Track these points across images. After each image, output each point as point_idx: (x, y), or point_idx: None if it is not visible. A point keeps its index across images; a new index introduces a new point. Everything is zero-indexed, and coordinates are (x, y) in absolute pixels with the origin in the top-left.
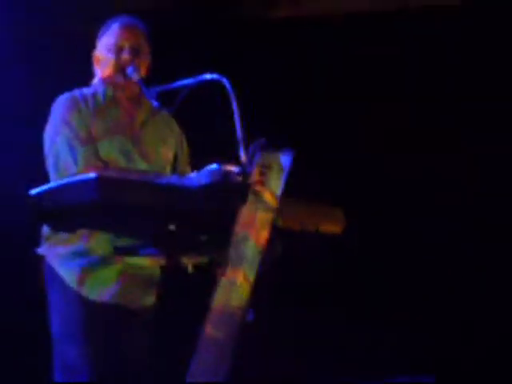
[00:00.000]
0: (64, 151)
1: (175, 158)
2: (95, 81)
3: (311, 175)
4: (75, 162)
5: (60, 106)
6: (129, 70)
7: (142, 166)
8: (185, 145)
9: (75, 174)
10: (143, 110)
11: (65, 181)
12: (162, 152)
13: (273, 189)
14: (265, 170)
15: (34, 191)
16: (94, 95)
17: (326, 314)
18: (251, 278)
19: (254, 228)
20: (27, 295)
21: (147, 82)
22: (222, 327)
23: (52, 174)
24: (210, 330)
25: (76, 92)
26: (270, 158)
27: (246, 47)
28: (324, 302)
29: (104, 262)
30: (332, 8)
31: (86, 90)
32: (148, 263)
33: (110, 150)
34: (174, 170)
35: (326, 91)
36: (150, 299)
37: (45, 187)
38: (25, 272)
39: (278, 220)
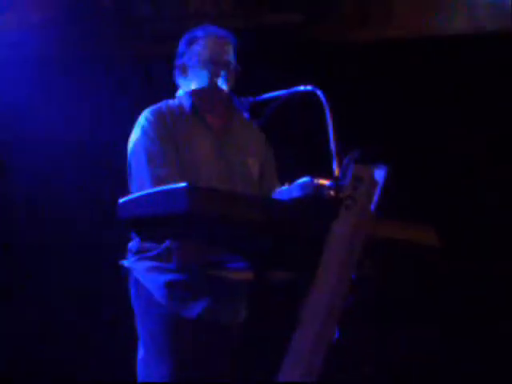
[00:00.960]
0: (146, 174)
1: (262, 171)
2: (180, 93)
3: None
4: (153, 181)
5: (145, 121)
6: (219, 81)
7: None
8: (273, 159)
9: None
10: (232, 121)
11: (155, 189)
12: (249, 164)
13: (365, 204)
14: (358, 183)
15: (122, 199)
16: (180, 107)
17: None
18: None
19: (345, 244)
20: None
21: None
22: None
23: (132, 189)
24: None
25: (162, 105)
26: (364, 171)
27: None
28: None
29: (191, 276)
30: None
31: (171, 102)
32: (236, 277)
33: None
34: (261, 184)
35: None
36: (237, 315)
37: (134, 196)
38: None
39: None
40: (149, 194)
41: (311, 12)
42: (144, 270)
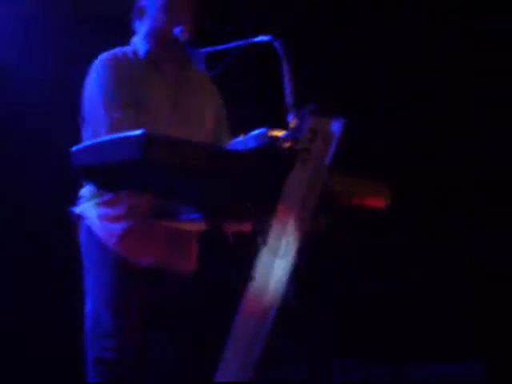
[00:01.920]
0: (101, 117)
1: (216, 122)
2: (135, 38)
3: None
4: (111, 129)
5: (101, 66)
6: (177, 30)
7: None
8: (225, 111)
9: None
10: (186, 72)
11: (110, 137)
12: (205, 114)
13: (321, 157)
14: (314, 136)
15: (76, 147)
16: (135, 53)
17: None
18: (294, 249)
19: (299, 197)
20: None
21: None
22: (259, 304)
23: (87, 137)
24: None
25: (117, 51)
26: (320, 124)
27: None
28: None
29: (145, 225)
30: None
31: (126, 48)
32: (189, 228)
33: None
34: (215, 135)
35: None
36: (188, 265)
37: (88, 143)
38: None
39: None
40: (104, 141)
41: None
42: (96, 218)
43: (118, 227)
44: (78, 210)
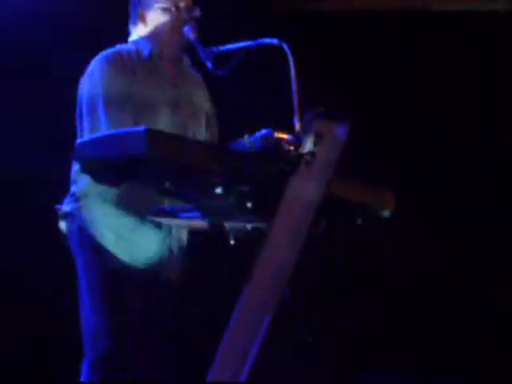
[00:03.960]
0: (102, 115)
1: (207, 121)
2: (134, 37)
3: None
4: (112, 127)
5: (103, 64)
6: (186, 29)
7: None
8: (213, 105)
9: None
10: (182, 71)
11: (113, 132)
12: (199, 112)
13: (326, 160)
14: (319, 139)
15: (79, 141)
16: (138, 53)
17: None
18: (295, 251)
19: (302, 199)
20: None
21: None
22: (257, 304)
23: (86, 129)
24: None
25: (119, 49)
26: (326, 127)
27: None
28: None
29: (141, 224)
30: None
31: (126, 47)
32: (189, 227)
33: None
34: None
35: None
36: (182, 265)
37: (92, 137)
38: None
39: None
40: (107, 136)
41: None
42: (91, 217)
43: (113, 225)
44: (67, 208)
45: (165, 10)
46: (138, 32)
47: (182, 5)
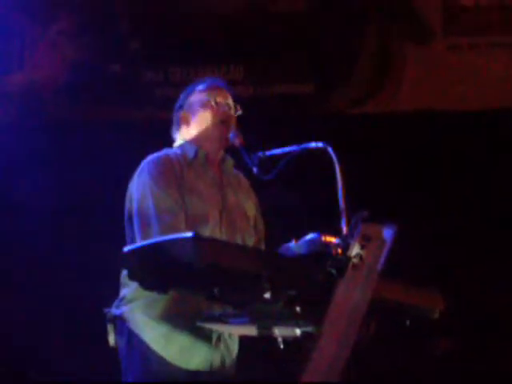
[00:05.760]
0: (152, 220)
1: (254, 223)
2: (180, 142)
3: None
4: (162, 232)
5: (152, 168)
6: (231, 135)
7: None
8: (259, 208)
9: None
10: (227, 172)
11: (160, 238)
12: (248, 214)
13: (373, 263)
14: (366, 242)
15: (127, 247)
16: (184, 156)
17: None
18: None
19: (350, 303)
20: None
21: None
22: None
23: (137, 235)
24: None
25: (168, 152)
26: (372, 230)
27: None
28: None
29: (191, 329)
30: None
31: (173, 151)
32: (238, 332)
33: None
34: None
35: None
36: (231, 364)
37: (139, 244)
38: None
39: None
40: (155, 242)
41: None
42: (141, 321)
43: (163, 330)
44: (117, 311)
45: (205, 106)
46: (181, 135)
47: (220, 100)
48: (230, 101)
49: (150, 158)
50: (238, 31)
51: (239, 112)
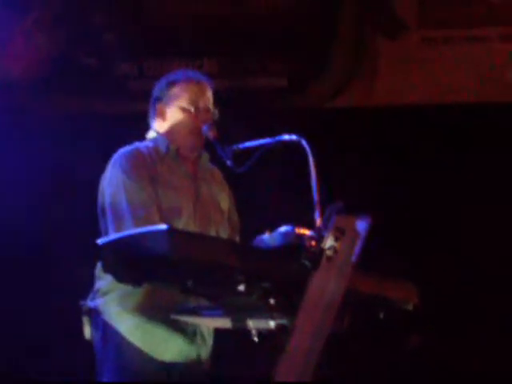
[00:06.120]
0: (125, 214)
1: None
2: (153, 134)
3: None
4: (133, 222)
5: (124, 162)
6: (204, 128)
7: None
8: (233, 200)
9: None
10: (201, 166)
11: (134, 231)
12: (221, 207)
13: (347, 255)
14: (340, 234)
15: (101, 240)
16: (156, 149)
17: None
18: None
19: (324, 295)
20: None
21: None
22: None
23: (110, 229)
24: None
25: (139, 146)
26: (346, 222)
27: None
28: None
29: (166, 321)
30: None
31: (145, 144)
32: (212, 324)
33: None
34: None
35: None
36: (206, 357)
37: (113, 236)
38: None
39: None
40: (128, 235)
41: (295, 77)
42: (115, 313)
43: (138, 322)
44: (92, 304)
45: (184, 109)
46: (155, 127)
47: (201, 105)
48: (211, 100)
49: (122, 151)
50: (211, 24)
51: (216, 116)
